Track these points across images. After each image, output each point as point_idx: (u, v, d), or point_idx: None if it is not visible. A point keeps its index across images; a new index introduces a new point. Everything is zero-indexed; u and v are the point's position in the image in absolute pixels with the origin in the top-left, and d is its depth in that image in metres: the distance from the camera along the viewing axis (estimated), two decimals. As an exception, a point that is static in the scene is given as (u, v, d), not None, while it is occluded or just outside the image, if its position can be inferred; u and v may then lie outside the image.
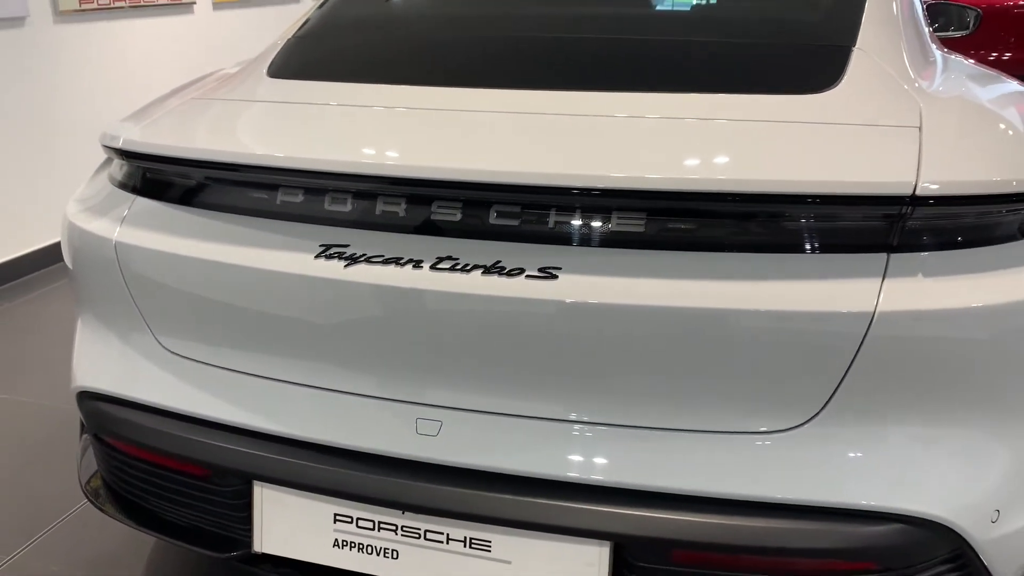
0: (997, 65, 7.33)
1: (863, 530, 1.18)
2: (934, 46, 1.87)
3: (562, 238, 1.21)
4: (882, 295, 1.14)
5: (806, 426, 1.19)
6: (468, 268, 1.22)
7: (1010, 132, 1.45)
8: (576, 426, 1.24)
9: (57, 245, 3.75)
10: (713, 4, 2.01)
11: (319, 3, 2.03)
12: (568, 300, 1.19)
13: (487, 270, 1.21)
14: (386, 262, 1.25)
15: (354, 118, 1.46)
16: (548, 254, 1.21)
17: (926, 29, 1.89)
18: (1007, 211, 1.23)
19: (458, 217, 1.24)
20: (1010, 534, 1.25)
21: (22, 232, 3.66)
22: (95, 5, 3.91)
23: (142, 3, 4.18)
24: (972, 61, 2.00)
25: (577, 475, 1.23)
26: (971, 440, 1.22)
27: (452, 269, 1.22)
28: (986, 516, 1.21)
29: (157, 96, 1.80)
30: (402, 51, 1.78)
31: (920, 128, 1.28)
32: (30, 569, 1.90)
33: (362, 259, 1.26)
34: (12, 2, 3.48)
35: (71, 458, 2.28)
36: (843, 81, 1.42)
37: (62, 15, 3.76)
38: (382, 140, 1.38)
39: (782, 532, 1.17)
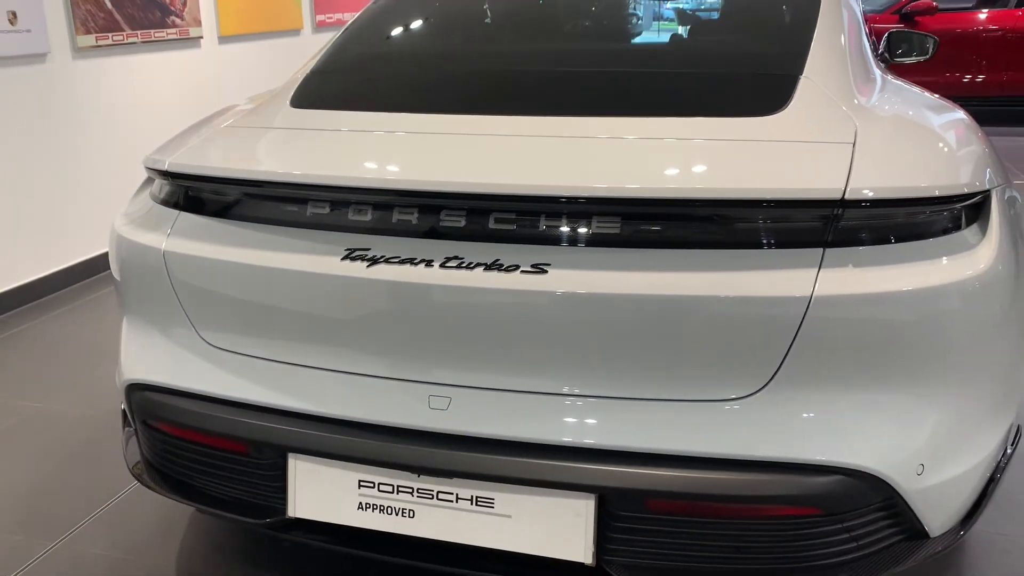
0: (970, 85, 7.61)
1: (808, 480, 1.40)
2: (878, 71, 2.11)
3: (551, 239, 1.44)
4: (818, 282, 1.37)
5: (758, 394, 1.41)
6: (472, 265, 1.44)
7: (935, 146, 1.69)
8: (566, 398, 1.46)
9: (79, 265, 3.98)
10: (682, 40, 2.25)
11: (329, 41, 2.27)
12: (557, 291, 1.41)
13: (488, 267, 1.43)
14: (402, 262, 1.47)
15: (370, 141, 1.69)
16: (539, 253, 1.43)
17: (871, 57, 2.13)
18: (930, 212, 1.46)
19: (462, 223, 1.47)
20: (934, 486, 1.47)
21: (48, 252, 3.88)
22: (110, 41, 4.15)
23: (153, 38, 4.42)
24: (915, 86, 2.24)
25: (567, 439, 1.45)
26: (899, 405, 1.44)
27: (458, 267, 1.45)
28: (912, 470, 1.43)
29: (185, 126, 2.02)
30: (407, 83, 2.02)
31: (854, 144, 1.51)
32: (76, 551, 2.10)
33: (382, 260, 1.48)
34: (35, 40, 3.72)
35: (106, 457, 2.49)
36: (790, 105, 1.65)
37: (80, 51, 3.99)
38: (396, 159, 1.61)
39: (738, 483, 1.39)
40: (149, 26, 4.40)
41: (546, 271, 1.42)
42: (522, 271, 1.42)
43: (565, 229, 1.44)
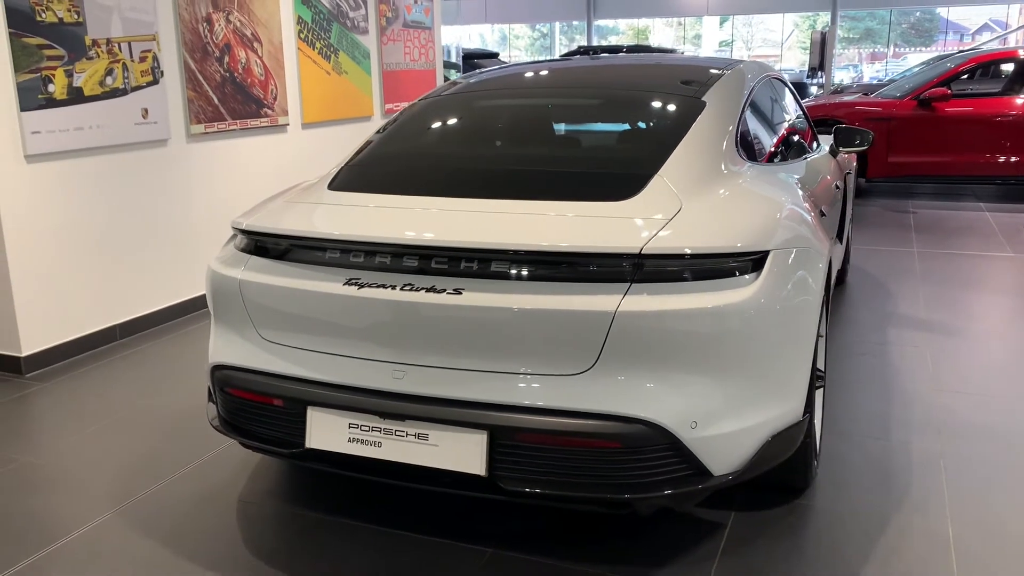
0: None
1: (616, 425, 2.23)
2: (741, 164, 2.91)
3: (465, 273, 2.34)
4: (621, 303, 2.23)
5: (588, 371, 2.27)
6: (418, 289, 2.35)
7: (734, 219, 2.52)
8: (472, 372, 2.34)
9: (188, 301, 5.06)
10: (586, 147, 3.16)
11: (363, 142, 3.27)
12: (467, 305, 2.31)
13: (427, 290, 2.34)
14: (378, 287, 2.40)
15: (366, 212, 2.65)
16: (458, 282, 2.33)
17: (737, 154, 2.94)
18: (717, 262, 2.31)
19: (415, 263, 2.39)
20: (707, 437, 2.29)
21: (163, 290, 4.97)
22: (216, 129, 5.29)
23: (249, 126, 5.56)
24: (780, 173, 3.08)
25: (472, 396, 2.32)
26: (681, 381, 2.27)
27: (411, 290, 2.36)
28: (686, 423, 2.26)
29: (263, 199, 3.02)
30: (398, 175, 2.99)
31: (671, 219, 2.38)
32: (171, 492, 3.05)
33: (366, 285, 2.41)
34: (160, 129, 4.87)
35: (193, 433, 3.46)
36: (640, 194, 2.53)
37: (193, 137, 5.14)
38: (377, 224, 2.56)
39: (573, 425, 2.24)
40: (247, 116, 5.54)
41: (461, 293, 2.32)
42: (447, 293, 2.33)
43: (474, 267, 2.34)
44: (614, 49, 19.28)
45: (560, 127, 3.24)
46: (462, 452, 2.33)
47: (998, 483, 2.99)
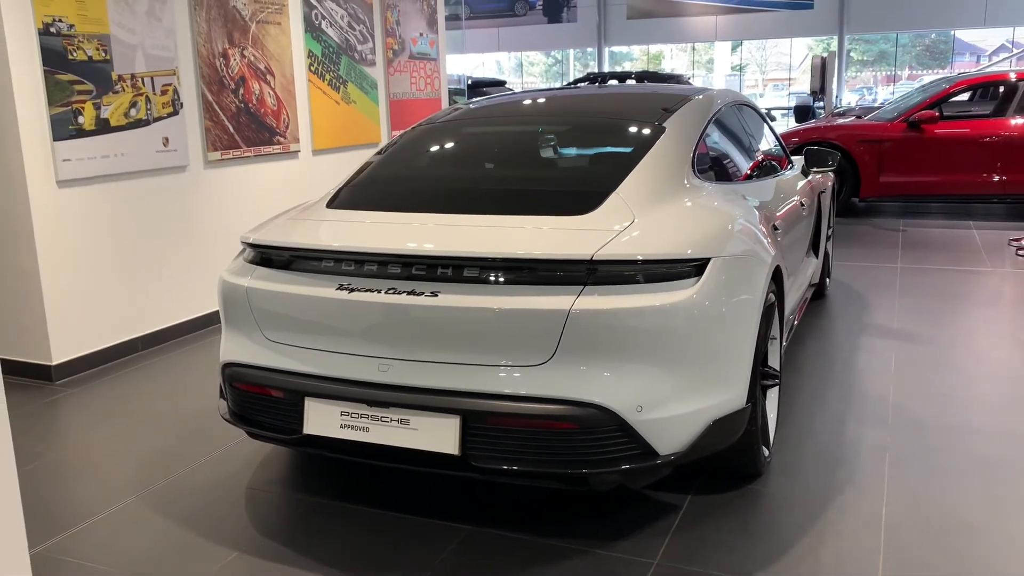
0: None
1: (572, 408, 2.55)
2: (697, 184, 3.24)
3: (441, 278, 2.68)
4: (575, 304, 2.56)
5: (547, 363, 2.60)
6: (401, 292, 2.69)
7: (680, 231, 2.84)
8: (448, 364, 2.67)
9: (209, 314, 5.41)
10: (553, 169, 3.50)
11: (361, 166, 3.63)
12: (442, 306, 2.64)
13: (408, 293, 2.68)
14: (366, 291, 2.74)
15: (354, 227, 3.01)
16: (434, 286, 2.67)
17: (692, 175, 3.27)
18: (663, 267, 2.64)
19: (399, 270, 2.73)
20: (651, 420, 2.60)
21: (185, 304, 5.34)
22: (231, 156, 5.68)
23: (263, 153, 5.96)
24: (738, 192, 3.41)
25: (447, 386, 2.65)
26: (628, 370, 2.58)
27: (394, 293, 2.70)
28: (632, 407, 2.58)
29: (269, 216, 3.39)
30: (390, 194, 3.35)
31: (623, 230, 2.72)
32: (187, 481, 3.39)
33: (356, 290, 2.76)
34: (179, 156, 5.26)
35: (209, 429, 3.81)
36: (598, 209, 2.87)
37: (210, 163, 5.53)
38: (365, 237, 2.91)
39: (535, 409, 2.56)
40: (260, 144, 5.94)
41: (437, 295, 2.66)
42: (425, 295, 2.67)
43: (448, 273, 2.68)
44: (623, 76, 19.74)
45: (534, 151, 3.60)
46: (438, 435, 2.65)
47: (936, 472, 3.27)
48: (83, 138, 4.63)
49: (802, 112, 18.59)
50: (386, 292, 2.72)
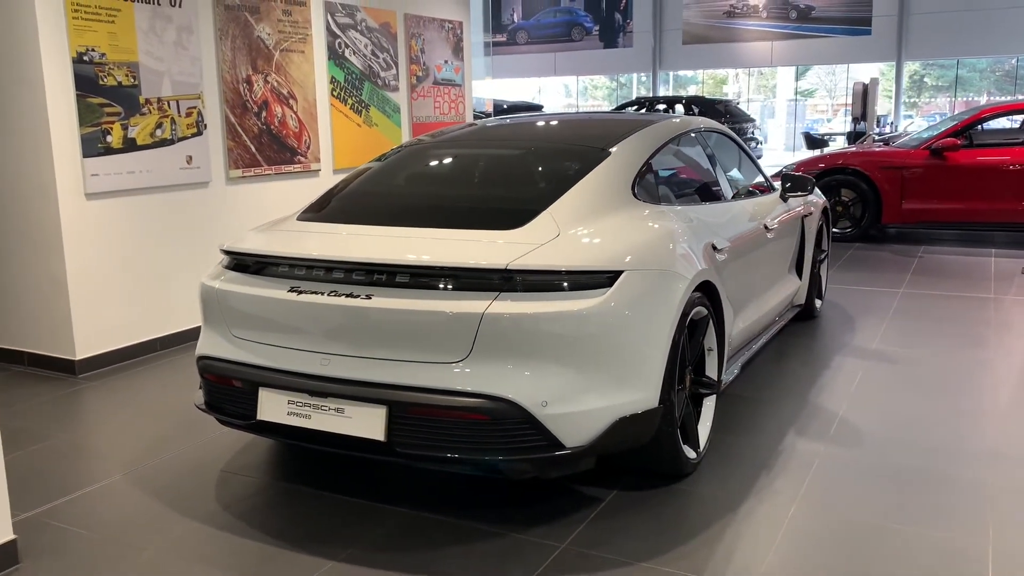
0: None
1: (483, 401, 2.84)
2: (634, 205, 3.51)
3: (375, 283, 3.01)
4: (489, 307, 2.86)
5: (464, 359, 2.89)
6: (341, 295, 3.03)
7: (600, 246, 3.12)
8: (377, 360, 2.99)
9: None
10: (494, 188, 3.80)
11: (332, 186, 4.01)
12: (375, 307, 2.97)
13: (347, 295, 3.01)
14: (313, 293, 3.08)
15: (311, 237, 3.37)
16: (369, 289, 3.00)
17: (625, 197, 3.52)
18: (577, 277, 2.93)
19: (341, 275, 3.07)
20: (556, 415, 2.87)
21: (198, 311, 5.78)
22: (252, 174, 6.13)
23: (283, 171, 6.40)
24: (677, 212, 3.67)
25: (375, 379, 2.97)
26: (535, 367, 2.86)
27: (335, 295, 3.04)
28: (538, 402, 2.86)
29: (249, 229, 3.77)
30: (348, 209, 3.71)
31: (543, 244, 3.01)
32: (180, 460, 3.78)
33: (304, 292, 3.10)
34: (202, 173, 5.73)
35: (201, 423, 4.19)
36: (526, 225, 3.17)
37: (231, 180, 5.98)
38: (315, 245, 3.26)
39: (451, 401, 2.86)
40: (281, 163, 6.38)
41: (371, 298, 2.99)
42: (361, 298, 3.00)
43: (382, 278, 3.01)
44: (673, 100, 19.98)
45: (483, 172, 3.92)
46: (368, 422, 2.97)
47: (856, 481, 3.46)
48: (111, 155, 5.11)
49: (856, 138, 18.56)
50: (328, 294, 3.05)
